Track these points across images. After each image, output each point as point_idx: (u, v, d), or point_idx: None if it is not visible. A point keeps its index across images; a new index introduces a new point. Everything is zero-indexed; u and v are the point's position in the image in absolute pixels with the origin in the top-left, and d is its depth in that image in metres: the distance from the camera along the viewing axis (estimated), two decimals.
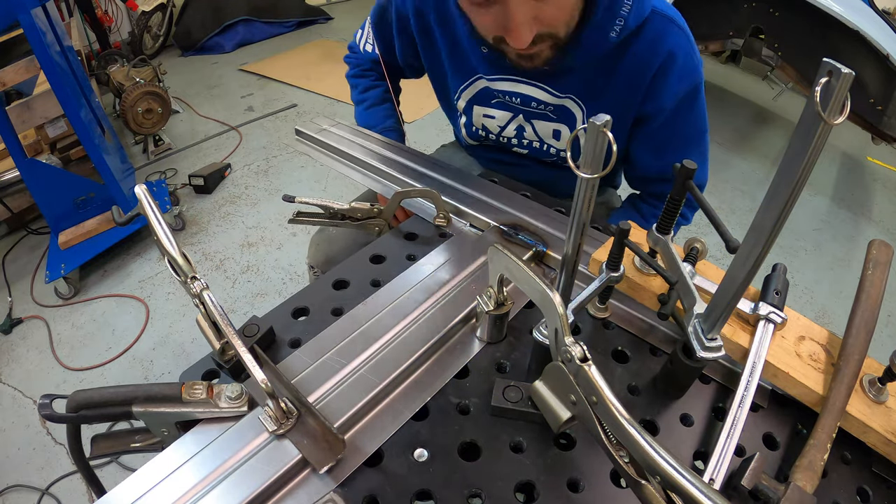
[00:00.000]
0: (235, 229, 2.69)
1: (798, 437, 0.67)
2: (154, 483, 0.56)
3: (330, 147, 1.13)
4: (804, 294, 2.52)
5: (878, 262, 0.73)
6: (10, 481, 1.66)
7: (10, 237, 2.61)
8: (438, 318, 0.74)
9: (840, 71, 0.37)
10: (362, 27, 1.32)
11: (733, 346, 0.68)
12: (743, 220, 2.88)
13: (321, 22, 5.32)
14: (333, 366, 0.68)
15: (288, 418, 0.60)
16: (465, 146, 1.36)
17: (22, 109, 2.17)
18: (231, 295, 2.33)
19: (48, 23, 2.08)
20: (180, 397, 0.59)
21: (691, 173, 0.62)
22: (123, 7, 4.20)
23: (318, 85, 4.05)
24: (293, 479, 0.58)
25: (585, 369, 0.52)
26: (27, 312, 2.24)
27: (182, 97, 3.85)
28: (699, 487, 0.43)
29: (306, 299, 0.80)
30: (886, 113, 2.70)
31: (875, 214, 3.13)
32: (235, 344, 0.59)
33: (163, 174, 3.01)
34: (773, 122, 4.00)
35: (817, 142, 0.41)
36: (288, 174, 3.11)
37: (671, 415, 0.68)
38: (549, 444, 0.63)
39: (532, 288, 0.58)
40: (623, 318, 0.79)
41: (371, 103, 1.30)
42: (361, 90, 1.33)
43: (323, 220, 0.96)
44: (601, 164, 0.52)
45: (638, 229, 0.84)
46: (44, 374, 2.00)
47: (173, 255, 0.59)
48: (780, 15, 2.82)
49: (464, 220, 0.97)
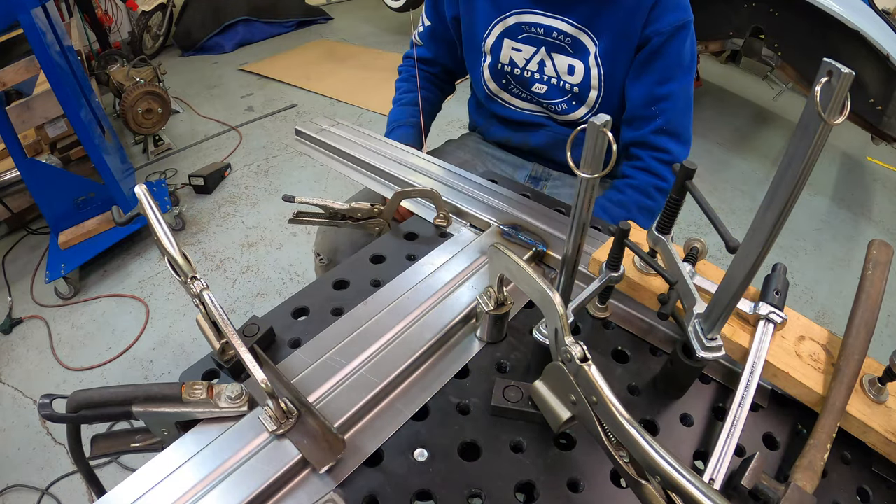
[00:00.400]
0: (235, 229, 2.69)
1: (798, 437, 0.67)
2: (154, 483, 0.56)
3: (330, 147, 1.13)
4: (804, 294, 2.52)
5: (878, 262, 0.73)
6: (10, 481, 1.66)
7: (10, 237, 2.61)
8: (438, 318, 0.74)
9: (840, 71, 0.37)
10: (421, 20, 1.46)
11: (733, 346, 0.68)
12: (743, 220, 2.88)
13: (321, 22, 5.33)
14: (333, 366, 0.68)
15: (288, 418, 0.60)
16: (482, 98, 1.43)
17: (22, 109, 2.17)
18: (231, 295, 2.33)
19: (48, 23, 2.08)
20: (180, 397, 0.59)
21: (691, 173, 0.62)
22: (123, 7, 4.21)
23: (318, 85, 4.06)
24: (293, 479, 0.58)
25: (585, 369, 0.52)
26: (27, 312, 2.24)
27: (182, 97, 3.85)
28: (699, 487, 0.43)
29: (306, 299, 0.80)
30: (886, 113, 2.70)
31: (875, 214, 3.13)
32: (235, 344, 0.59)
33: (163, 174, 3.01)
34: (773, 122, 4.00)
35: (817, 142, 0.41)
36: (288, 174, 3.11)
37: (671, 415, 0.68)
38: (549, 444, 0.63)
39: (532, 288, 0.58)
40: (623, 318, 0.79)
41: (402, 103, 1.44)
42: (399, 93, 1.49)
43: (323, 220, 0.96)
44: (601, 164, 0.52)
45: (638, 229, 0.84)
46: (44, 374, 2.00)
47: (173, 255, 0.59)
48: (780, 15, 2.82)
49: (464, 220, 0.97)
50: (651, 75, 1.16)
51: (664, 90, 1.16)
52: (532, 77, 1.29)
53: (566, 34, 1.20)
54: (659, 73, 1.16)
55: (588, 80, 1.22)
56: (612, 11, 1.13)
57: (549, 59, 1.25)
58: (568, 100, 1.27)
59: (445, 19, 1.37)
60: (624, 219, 1.04)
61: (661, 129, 1.19)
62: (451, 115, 3.37)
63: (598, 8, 1.14)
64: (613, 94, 1.22)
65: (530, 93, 1.31)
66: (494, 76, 1.34)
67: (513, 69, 1.30)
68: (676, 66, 1.16)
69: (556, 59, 1.24)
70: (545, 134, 1.37)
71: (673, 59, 1.15)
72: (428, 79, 1.48)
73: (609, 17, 1.14)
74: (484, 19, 1.28)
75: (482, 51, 1.32)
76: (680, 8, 1.12)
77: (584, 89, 1.23)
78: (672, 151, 1.20)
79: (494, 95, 1.38)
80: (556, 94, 1.28)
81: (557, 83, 1.27)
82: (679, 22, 1.11)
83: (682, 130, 1.21)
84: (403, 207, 1.01)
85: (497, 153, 1.49)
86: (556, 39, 1.22)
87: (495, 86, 1.36)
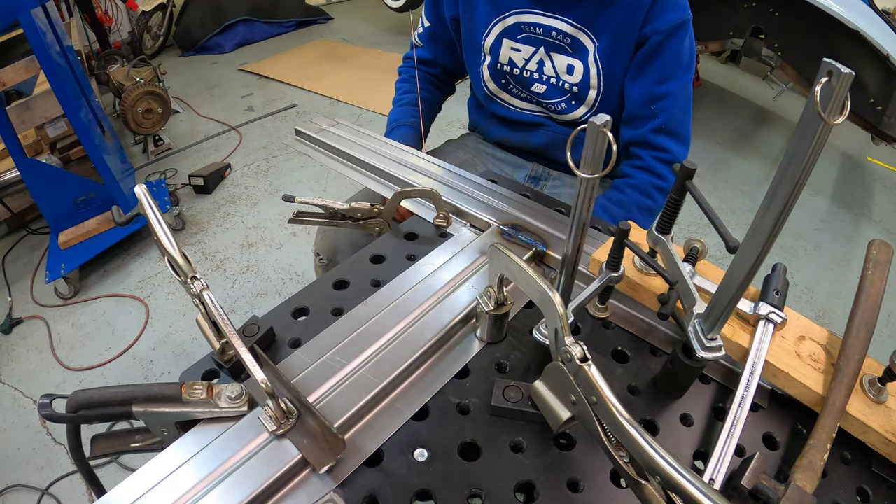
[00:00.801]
0: (235, 229, 2.69)
1: (798, 437, 0.67)
2: (154, 483, 0.56)
3: (329, 147, 1.13)
4: (804, 294, 2.52)
5: (878, 262, 0.73)
6: (10, 481, 1.66)
7: (10, 237, 2.62)
8: (438, 318, 0.74)
9: (840, 71, 0.37)
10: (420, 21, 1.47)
11: (733, 346, 0.68)
12: (743, 220, 2.88)
13: (321, 22, 5.33)
14: (333, 366, 0.68)
15: (288, 418, 0.60)
16: (482, 98, 1.43)
17: (22, 109, 2.17)
18: (231, 295, 2.33)
19: (48, 23, 2.08)
20: (180, 397, 0.59)
21: (691, 173, 0.62)
22: (123, 7, 4.21)
23: (318, 85, 4.06)
24: (293, 479, 0.58)
25: (585, 369, 0.52)
26: (27, 312, 2.24)
27: (182, 97, 3.85)
28: (699, 487, 0.43)
29: (306, 299, 0.80)
30: (886, 113, 2.70)
31: (875, 214, 3.13)
32: (235, 344, 0.59)
33: (163, 174, 3.01)
34: (773, 122, 4.00)
35: (817, 142, 0.41)
36: (288, 174, 3.11)
37: (671, 415, 0.68)
38: (549, 444, 0.63)
39: (532, 288, 0.58)
40: (623, 318, 0.79)
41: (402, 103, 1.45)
42: (399, 94, 1.49)
43: (323, 220, 0.96)
44: (601, 164, 0.52)
45: (638, 229, 0.84)
46: (44, 374, 2.00)
47: (173, 255, 0.59)
48: (780, 15, 2.82)
49: (464, 220, 0.97)
50: (650, 74, 1.17)
51: (663, 89, 1.16)
52: (531, 77, 1.29)
53: (565, 34, 1.20)
54: (658, 71, 1.16)
55: (587, 79, 1.22)
56: (610, 11, 1.14)
57: (549, 58, 1.25)
58: (567, 99, 1.28)
59: (445, 20, 1.37)
60: (624, 218, 1.05)
61: (661, 128, 1.19)
62: (451, 115, 3.37)
63: (597, 7, 1.15)
64: (612, 93, 1.22)
65: (530, 93, 1.31)
66: (494, 76, 1.34)
67: (512, 69, 1.30)
68: (675, 65, 1.16)
69: (555, 59, 1.25)
70: (545, 134, 1.37)
71: (672, 58, 1.15)
72: (428, 80, 1.48)
73: (608, 16, 1.15)
74: (483, 19, 1.28)
75: (481, 51, 1.33)
76: (678, 7, 1.13)
77: (584, 89, 1.24)
78: (671, 150, 1.21)
79: (494, 95, 1.38)
80: (555, 94, 1.28)
81: (557, 83, 1.27)
82: (678, 21, 1.12)
83: (681, 129, 1.22)
84: (403, 207, 1.01)
85: (497, 153, 1.49)
86: (556, 39, 1.22)
87: (495, 86, 1.36)
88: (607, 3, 1.13)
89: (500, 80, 1.34)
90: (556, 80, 1.27)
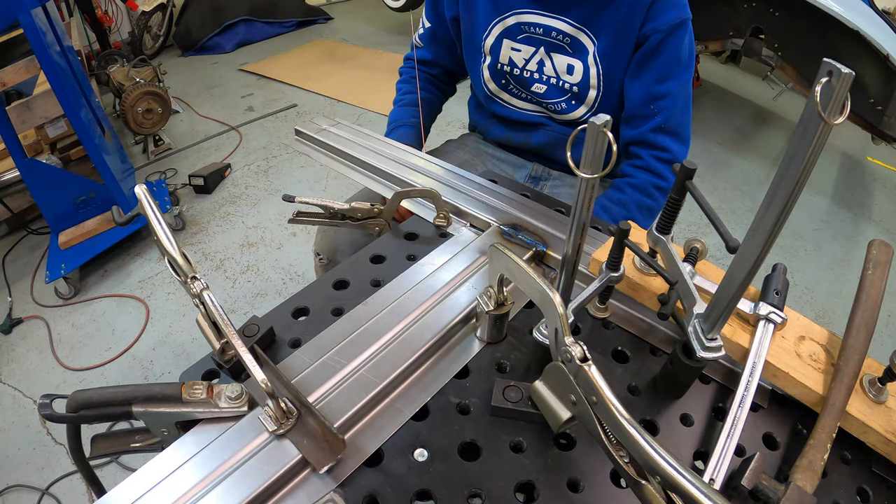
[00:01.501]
0: (235, 229, 2.69)
1: (798, 437, 0.67)
2: (154, 483, 0.56)
3: (329, 147, 1.13)
4: (804, 294, 2.52)
5: (878, 262, 0.73)
6: (10, 481, 1.66)
7: (10, 237, 2.62)
8: (438, 318, 0.74)
9: (840, 71, 0.37)
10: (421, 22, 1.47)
11: (733, 346, 0.68)
12: (743, 220, 2.88)
13: (321, 22, 5.33)
14: (333, 366, 0.68)
15: (288, 418, 0.60)
16: (482, 98, 1.43)
17: (22, 109, 2.17)
18: (231, 295, 2.33)
19: (48, 23, 2.08)
20: (180, 397, 0.59)
21: (691, 173, 0.62)
22: (123, 7, 4.21)
23: (317, 85, 4.06)
24: (293, 479, 0.58)
25: (585, 369, 0.52)
26: (27, 312, 2.24)
27: (182, 97, 3.85)
28: (699, 487, 0.43)
29: (306, 299, 0.80)
30: (886, 113, 2.70)
31: (875, 214, 3.13)
32: (235, 344, 0.59)
33: (163, 174, 3.01)
34: (773, 122, 4.00)
35: (817, 142, 0.41)
36: (288, 174, 3.11)
37: (671, 415, 0.68)
38: (549, 444, 0.63)
39: (532, 288, 0.58)
40: (623, 318, 0.79)
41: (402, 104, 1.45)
42: (400, 94, 1.49)
43: (323, 220, 0.96)
44: (601, 164, 0.52)
45: (638, 229, 0.84)
46: (44, 374, 2.00)
47: (173, 255, 0.59)
48: (780, 15, 2.82)
49: (464, 220, 0.97)
50: (649, 73, 1.17)
51: (663, 88, 1.16)
52: (531, 77, 1.29)
53: (565, 34, 1.20)
54: (657, 71, 1.16)
55: (587, 79, 1.22)
56: (610, 10, 1.14)
57: (549, 58, 1.25)
58: (567, 99, 1.28)
59: (445, 20, 1.37)
60: (624, 218, 1.05)
61: (660, 127, 1.19)
62: (451, 115, 3.37)
63: (597, 7, 1.15)
64: (612, 93, 1.22)
65: (530, 92, 1.31)
66: (494, 76, 1.34)
67: (512, 69, 1.31)
68: (675, 64, 1.16)
69: (555, 59, 1.25)
70: (545, 133, 1.37)
71: (671, 57, 1.15)
72: (428, 80, 1.48)
73: (608, 16, 1.15)
74: (483, 20, 1.28)
75: (482, 51, 1.33)
76: (678, 6, 1.13)
77: (584, 88, 1.24)
78: (671, 150, 1.21)
79: (494, 95, 1.38)
80: (555, 94, 1.28)
81: (557, 83, 1.27)
82: (677, 20, 1.12)
83: (681, 129, 1.22)
84: (403, 207, 1.01)
85: (497, 153, 1.49)
86: (555, 39, 1.22)
87: (495, 86, 1.36)
88: (607, 3, 1.14)
89: (500, 80, 1.34)
90: (556, 79, 1.27)
